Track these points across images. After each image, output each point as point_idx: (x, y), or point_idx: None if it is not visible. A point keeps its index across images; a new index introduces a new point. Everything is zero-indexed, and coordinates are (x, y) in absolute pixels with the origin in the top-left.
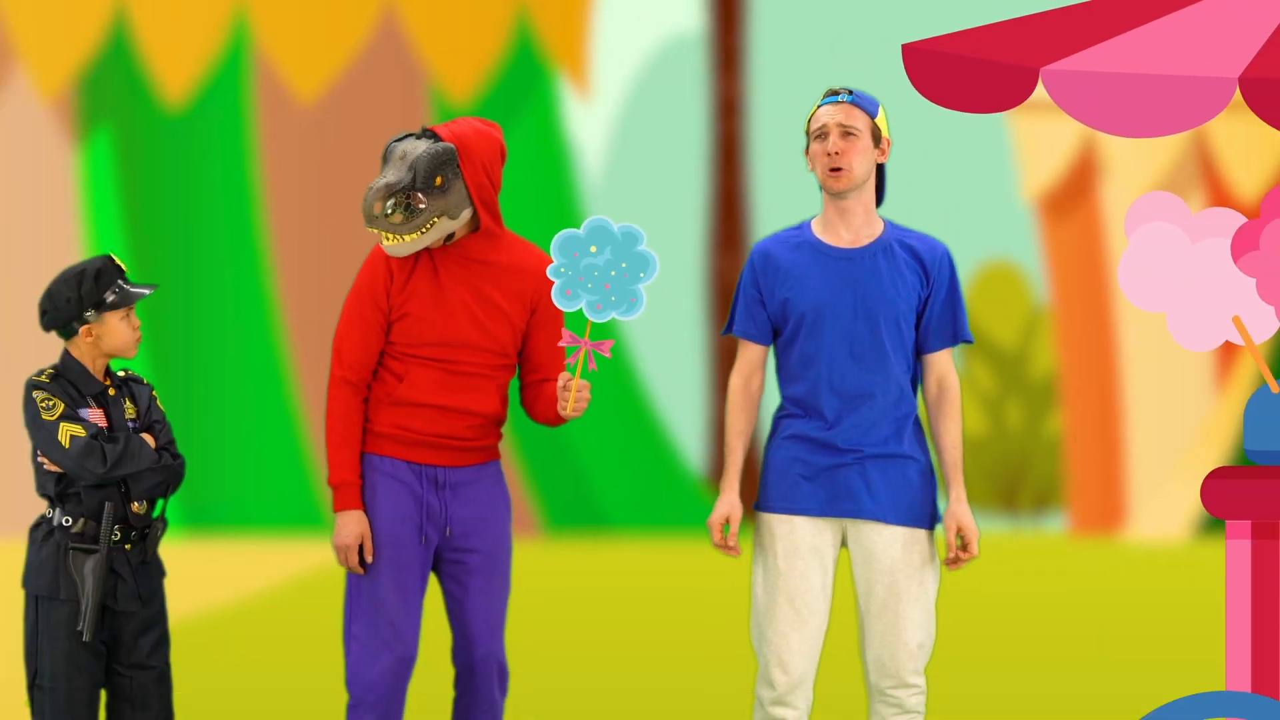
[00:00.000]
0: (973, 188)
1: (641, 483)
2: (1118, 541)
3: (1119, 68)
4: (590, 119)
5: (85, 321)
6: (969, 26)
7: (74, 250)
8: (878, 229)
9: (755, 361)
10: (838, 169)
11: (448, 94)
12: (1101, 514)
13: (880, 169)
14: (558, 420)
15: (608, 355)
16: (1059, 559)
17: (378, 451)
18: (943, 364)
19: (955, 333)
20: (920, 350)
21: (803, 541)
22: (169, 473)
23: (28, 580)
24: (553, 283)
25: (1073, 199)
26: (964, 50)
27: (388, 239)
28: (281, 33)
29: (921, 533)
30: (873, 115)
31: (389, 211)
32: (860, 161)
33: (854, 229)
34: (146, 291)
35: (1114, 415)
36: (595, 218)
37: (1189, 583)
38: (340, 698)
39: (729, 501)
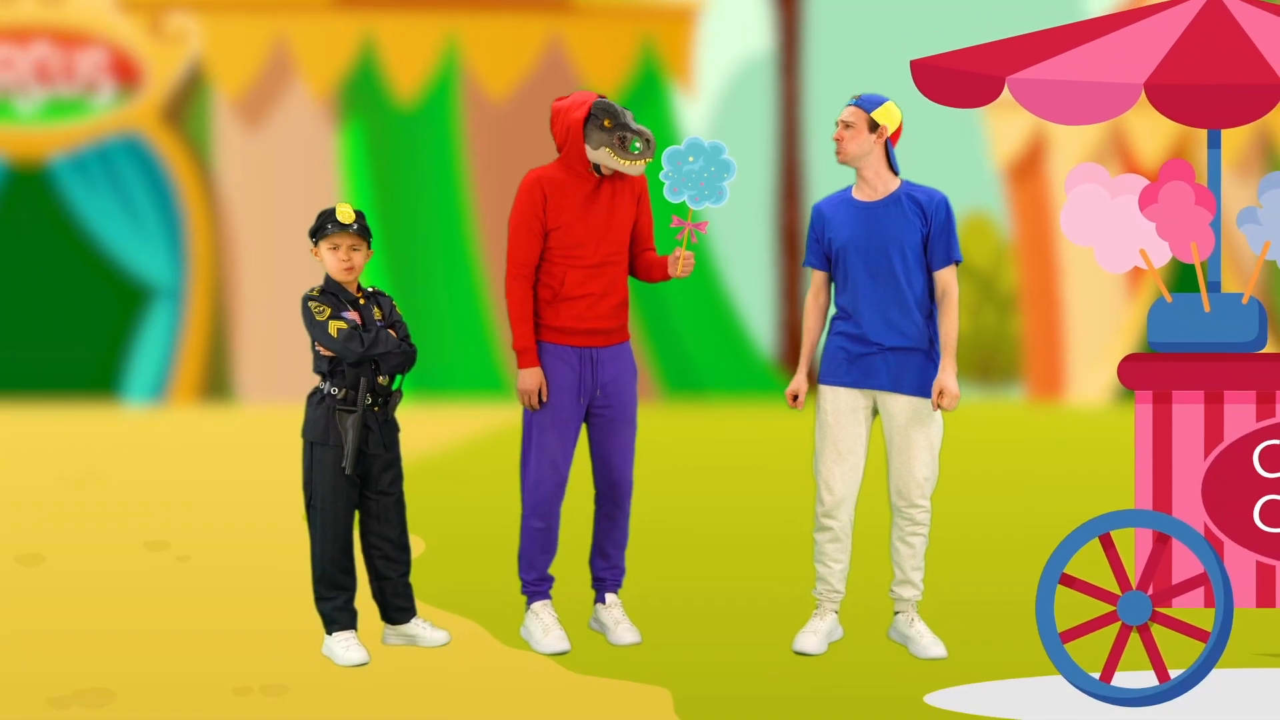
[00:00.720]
0: (957, 159)
1: (729, 363)
2: (1060, 406)
3: (1061, 76)
4: (695, 111)
5: (314, 245)
6: (959, 47)
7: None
8: (892, 186)
9: (820, 284)
10: (839, 142)
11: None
12: (1048, 386)
13: (886, 146)
14: (665, 278)
15: (704, 231)
16: (1019, 418)
17: (550, 340)
18: (945, 278)
19: (948, 254)
20: (929, 269)
21: (844, 403)
22: (406, 356)
23: (306, 430)
24: (646, 181)
25: (1028, 167)
26: (953, 65)
27: (639, 163)
28: (481, 52)
29: (925, 400)
30: (868, 111)
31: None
32: (853, 145)
33: (873, 187)
34: (333, 231)
35: (1057, 317)
36: (691, 137)
37: (1110, 435)
38: (517, 510)
39: (800, 378)
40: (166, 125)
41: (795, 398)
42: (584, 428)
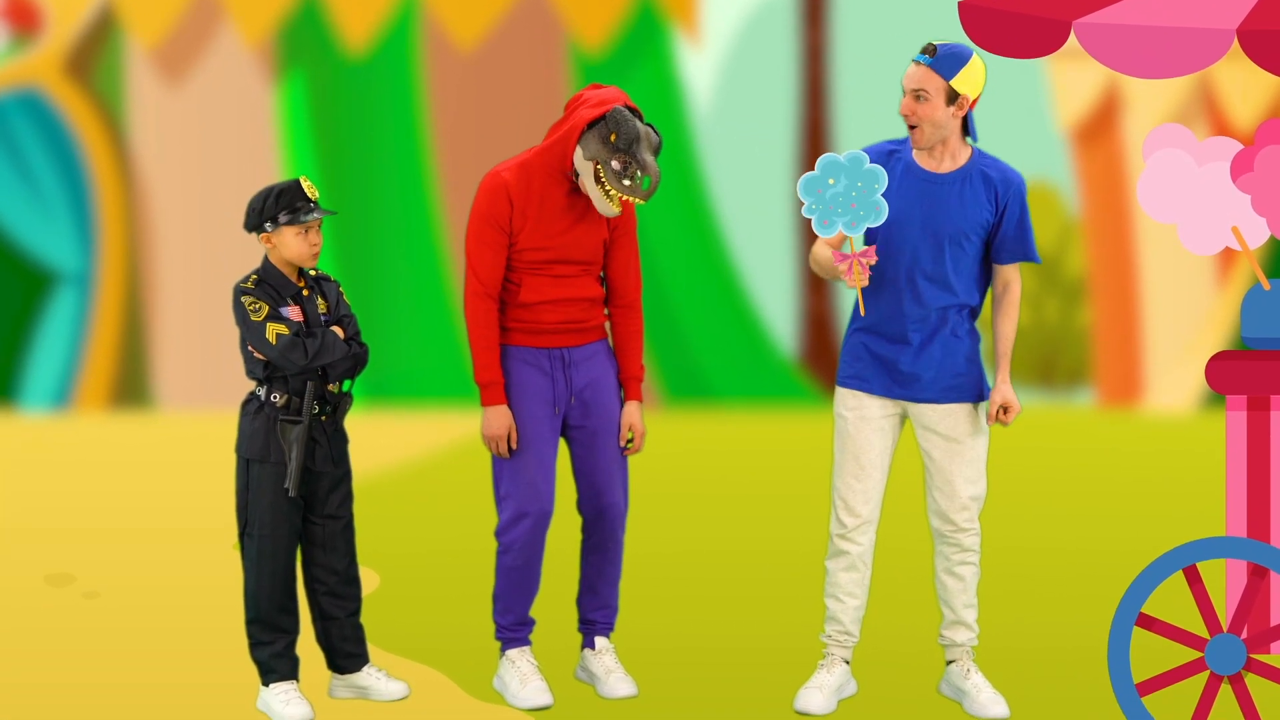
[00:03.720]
0: (1015, 120)
1: (743, 364)
2: (1136, 413)
3: (1137, 21)
4: (700, 64)
5: (265, 231)
6: None
7: (274, 172)
8: (964, 157)
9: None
10: (913, 126)
11: (582, 45)
12: (1123, 390)
13: (967, 113)
14: (637, 358)
15: (874, 260)
16: (1087, 427)
17: (514, 343)
18: (1008, 273)
19: (1024, 251)
20: (993, 261)
21: (869, 411)
22: (356, 360)
23: (241, 446)
24: (635, 219)
25: (1099, 129)
26: (1009, 6)
27: (618, 202)
28: None
29: (967, 405)
30: (947, 78)
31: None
32: (930, 121)
33: (941, 158)
34: (317, 215)
35: (1133, 308)
36: (823, 156)
37: (1195, 447)
38: (491, 543)
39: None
40: (70, 79)
41: (1005, 410)
42: (563, 445)
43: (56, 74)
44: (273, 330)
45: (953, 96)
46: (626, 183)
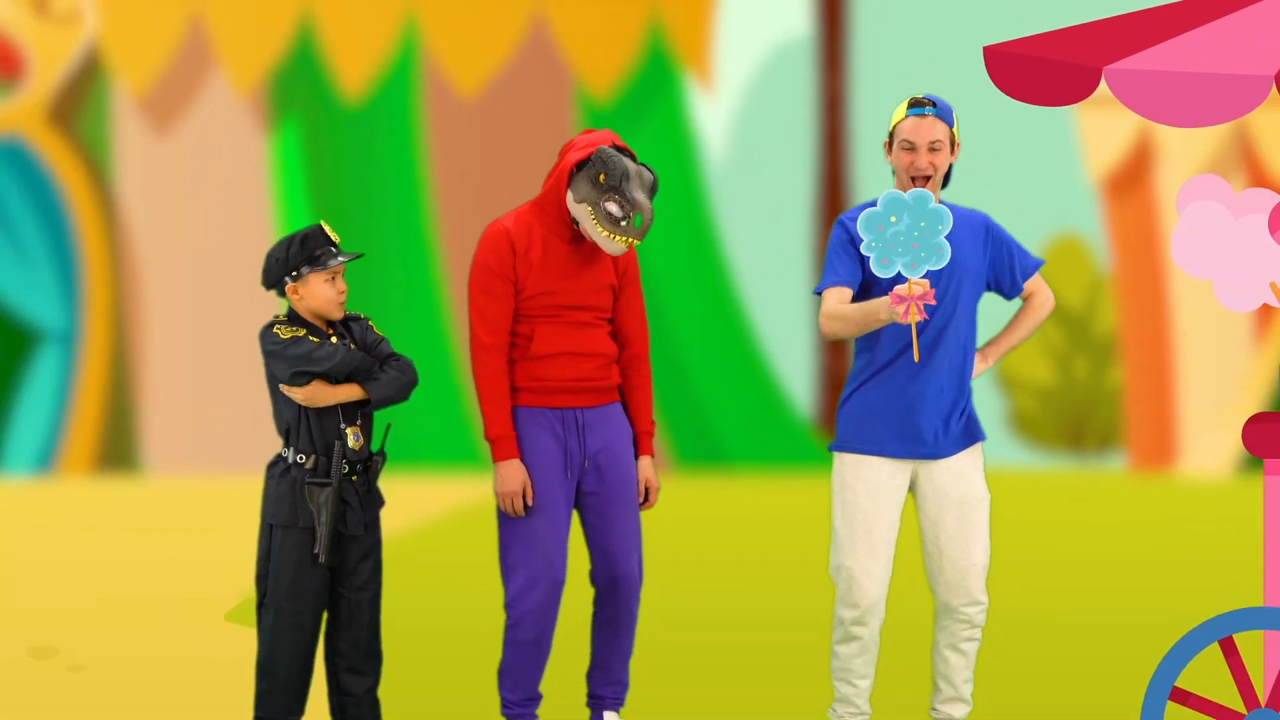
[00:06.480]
0: (1044, 170)
1: (758, 426)
2: (1170, 478)
3: (1171, 67)
4: (713, 112)
5: (291, 280)
6: (1041, 31)
7: (267, 226)
8: None
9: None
10: (926, 178)
11: (590, 91)
12: (1156, 454)
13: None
14: (646, 405)
15: (933, 303)
16: (1119, 493)
17: (525, 404)
18: (1031, 285)
19: (1028, 266)
20: (1008, 296)
21: (881, 479)
22: (403, 371)
23: (266, 510)
24: (638, 262)
25: (1131, 180)
26: (1037, 52)
27: (619, 241)
28: (446, 36)
29: (973, 458)
30: (950, 125)
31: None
32: (940, 172)
33: None
34: (343, 259)
35: (1167, 367)
36: (887, 193)
37: (1232, 513)
38: (497, 614)
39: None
40: (54, 127)
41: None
42: (574, 514)
43: (39, 122)
44: (306, 341)
45: (952, 143)
46: (622, 223)
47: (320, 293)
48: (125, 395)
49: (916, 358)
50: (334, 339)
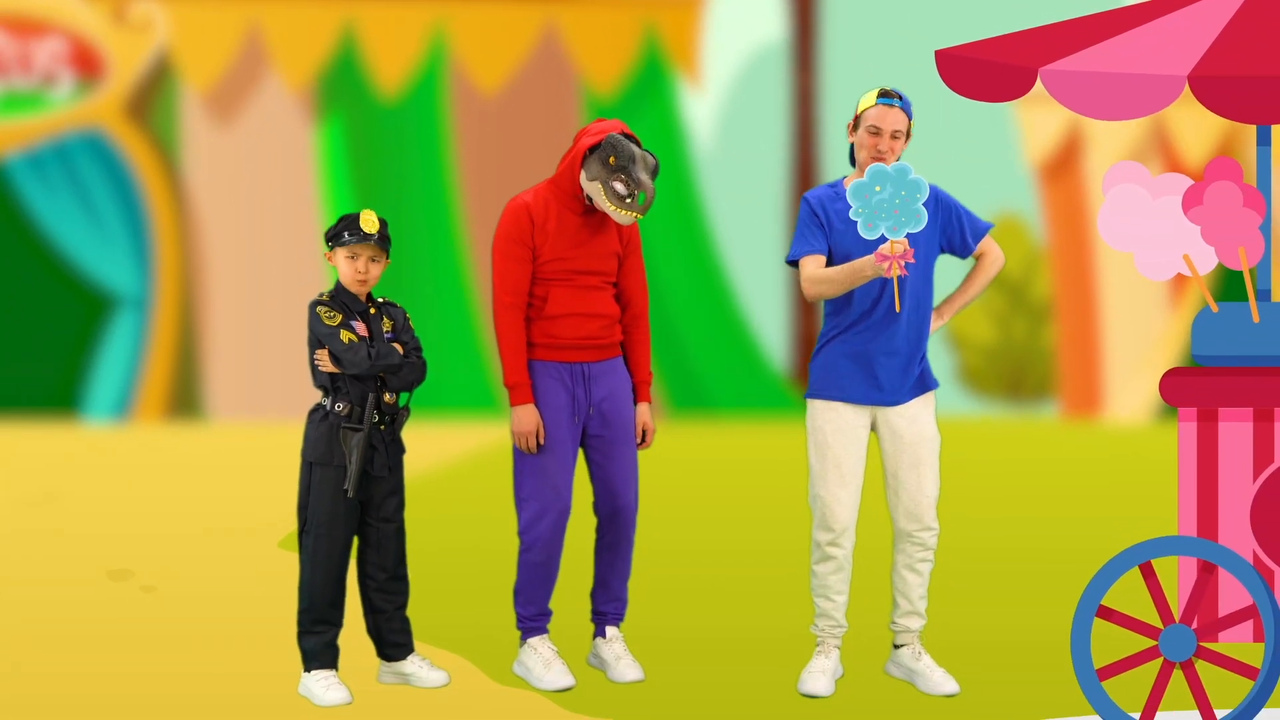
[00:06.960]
0: (987, 157)
1: (740, 378)
2: (1097, 424)
3: (1098, 68)
4: (701, 107)
5: (329, 249)
6: (986, 36)
7: (314, 206)
8: None
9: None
10: (884, 160)
11: (594, 89)
12: (1084, 403)
13: None
14: (645, 360)
15: (913, 261)
16: (1052, 437)
17: (538, 357)
18: (984, 245)
19: (977, 225)
20: (961, 255)
21: (846, 421)
22: (416, 370)
23: (306, 450)
24: (639, 230)
25: (1063, 166)
26: (981, 55)
27: (626, 214)
28: (470, 43)
29: (925, 403)
30: (910, 118)
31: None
32: (898, 154)
33: None
34: (352, 241)
35: (1094, 328)
36: (873, 165)
37: (1150, 455)
38: (511, 542)
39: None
40: (130, 120)
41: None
42: (580, 453)
43: (118, 116)
44: (345, 336)
45: (908, 134)
46: (627, 199)
47: (341, 266)
48: (191, 351)
49: (899, 308)
50: (361, 325)
